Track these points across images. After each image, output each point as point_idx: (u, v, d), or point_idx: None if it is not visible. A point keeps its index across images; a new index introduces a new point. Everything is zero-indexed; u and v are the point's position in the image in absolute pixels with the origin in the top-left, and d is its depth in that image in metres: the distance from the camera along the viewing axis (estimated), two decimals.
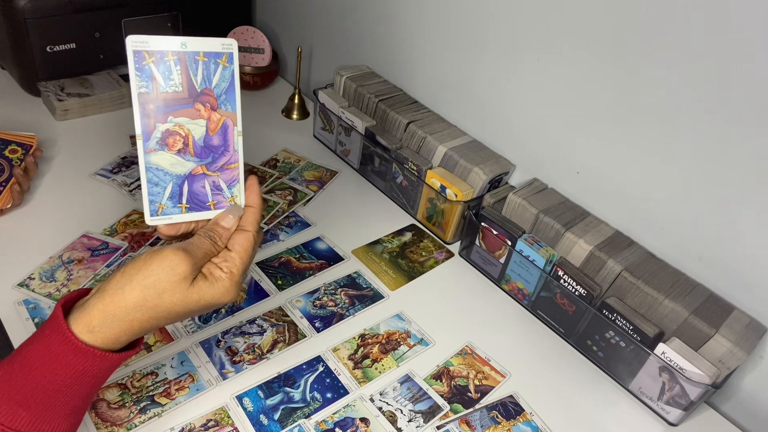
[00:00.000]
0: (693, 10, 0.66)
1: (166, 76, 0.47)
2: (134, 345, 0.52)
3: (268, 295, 0.78)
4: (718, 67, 0.66)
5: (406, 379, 0.71)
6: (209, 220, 0.53)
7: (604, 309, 0.73)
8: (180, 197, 0.50)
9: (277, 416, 0.64)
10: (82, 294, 0.51)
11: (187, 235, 0.54)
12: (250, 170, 0.99)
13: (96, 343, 0.48)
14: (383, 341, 0.75)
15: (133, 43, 0.46)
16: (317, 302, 0.78)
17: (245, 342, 0.71)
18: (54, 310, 0.48)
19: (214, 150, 0.49)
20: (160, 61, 0.46)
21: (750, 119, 0.65)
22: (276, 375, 0.68)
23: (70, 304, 0.50)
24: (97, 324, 0.47)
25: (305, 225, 0.91)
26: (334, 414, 0.65)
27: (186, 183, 0.50)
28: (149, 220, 0.50)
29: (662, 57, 0.70)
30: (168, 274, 0.48)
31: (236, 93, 0.49)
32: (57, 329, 0.47)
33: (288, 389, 0.67)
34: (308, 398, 0.66)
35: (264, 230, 0.87)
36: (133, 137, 1.02)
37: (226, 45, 0.48)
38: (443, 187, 0.88)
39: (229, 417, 0.63)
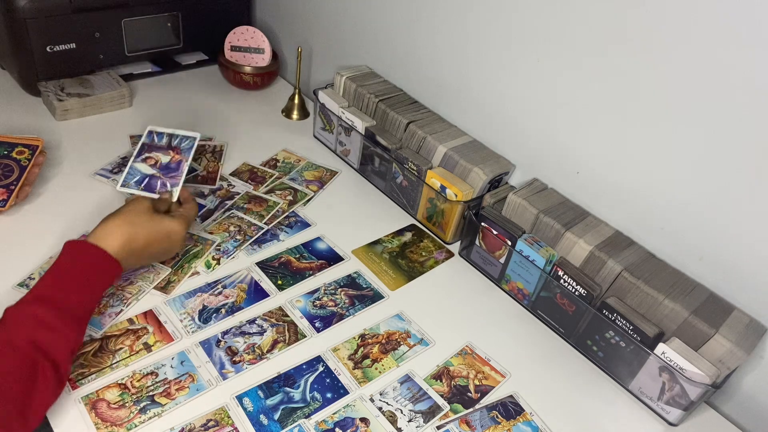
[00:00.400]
0: (693, 11, 0.66)
1: (160, 138, 0.88)
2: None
3: (268, 295, 0.78)
4: (719, 68, 0.66)
5: (406, 379, 0.71)
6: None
7: (604, 309, 0.73)
8: (141, 183, 0.82)
9: (277, 416, 0.64)
10: None
11: None
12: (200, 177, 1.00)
13: (101, 246, 0.68)
14: (383, 341, 0.75)
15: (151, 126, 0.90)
16: (317, 302, 0.78)
17: (245, 342, 0.71)
18: (67, 243, 0.68)
19: (170, 169, 0.84)
20: (159, 134, 0.89)
21: (750, 119, 0.65)
22: (276, 375, 0.68)
23: None
24: (100, 235, 0.69)
25: (305, 225, 0.91)
26: (334, 414, 0.65)
27: (147, 178, 0.83)
28: (118, 188, 0.82)
29: (662, 57, 0.70)
30: (140, 205, 0.74)
31: (191, 153, 0.86)
32: (75, 244, 0.68)
33: (288, 389, 0.67)
34: (308, 398, 0.66)
35: (264, 230, 0.88)
36: (133, 137, 1.02)
37: (193, 135, 0.88)
38: (443, 187, 0.88)
39: (229, 417, 0.63)
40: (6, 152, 0.84)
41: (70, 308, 0.63)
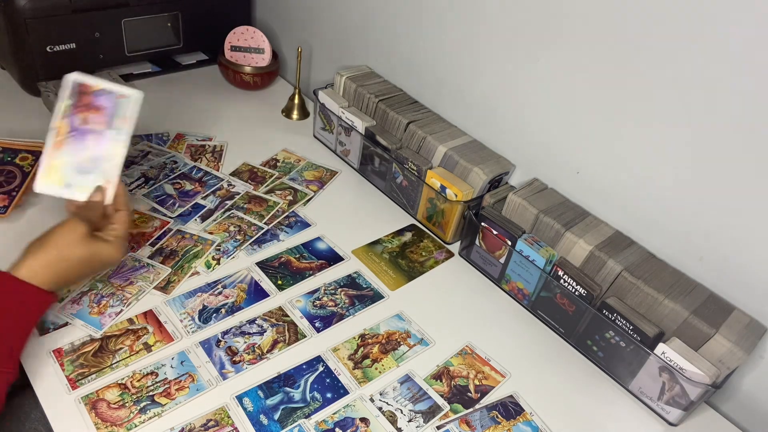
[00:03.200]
0: (693, 11, 0.66)
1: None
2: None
3: (268, 295, 0.78)
4: (719, 67, 0.66)
5: (406, 379, 0.71)
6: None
7: (604, 309, 0.73)
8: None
9: (277, 416, 0.64)
10: None
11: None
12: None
13: (31, 282, 0.63)
14: (383, 341, 0.75)
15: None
16: (317, 302, 0.78)
17: (245, 342, 0.71)
18: None
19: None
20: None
21: (750, 119, 0.65)
22: (276, 375, 0.68)
23: None
24: (26, 275, 0.63)
25: (305, 225, 0.91)
26: (334, 414, 0.65)
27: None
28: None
29: (662, 57, 0.70)
30: (72, 234, 0.67)
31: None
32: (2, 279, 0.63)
33: (288, 389, 0.67)
34: (308, 398, 0.66)
35: (264, 230, 0.88)
36: (132, 137, 1.02)
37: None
38: (443, 187, 0.88)
39: (229, 417, 0.63)
40: (10, 158, 0.84)
41: (2, 347, 0.60)
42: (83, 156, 0.68)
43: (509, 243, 0.81)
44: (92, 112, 0.68)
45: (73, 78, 0.68)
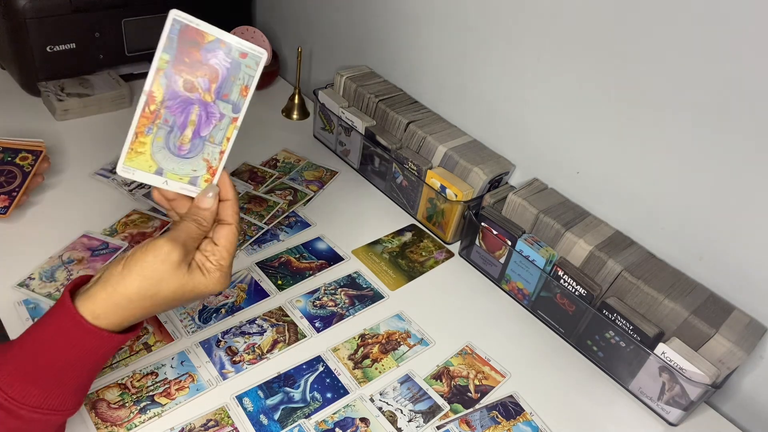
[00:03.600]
0: (693, 10, 0.66)
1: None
2: (135, 327, 0.56)
3: (268, 295, 0.78)
4: (719, 67, 0.66)
5: (406, 379, 0.71)
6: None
7: (604, 309, 0.73)
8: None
9: (277, 416, 0.64)
10: (85, 280, 0.55)
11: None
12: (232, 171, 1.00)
13: (101, 326, 0.51)
14: (383, 341, 0.75)
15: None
16: (317, 302, 0.78)
17: (245, 342, 0.71)
18: (62, 296, 0.52)
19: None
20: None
21: (750, 119, 0.65)
22: (276, 375, 0.68)
23: (74, 289, 0.54)
24: (101, 312, 0.51)
25: (305, 225, 0.91)
26: (334, 414, 0.65)
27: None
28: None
29: (662, 57, 0.70)
30: (163, 263, 0.52)
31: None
32: (66, 313, 0.50)
33: (288, 389, 0.67)
34: (308, 398, 0.66)
35: (264, 230, 0.88)
36: None
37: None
38: (443, 187, 0.88)
39: (229, 417, 0.63)
40: (10, 158, 0.84)
41: (67, 396, 0.52)
42: (183, 134, 0.53)
43: (509, 243, 0.81)
44: (200, 71, 0.51)
45: (176, 16, 0.52)
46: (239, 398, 0.65)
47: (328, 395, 0.67)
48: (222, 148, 0.54)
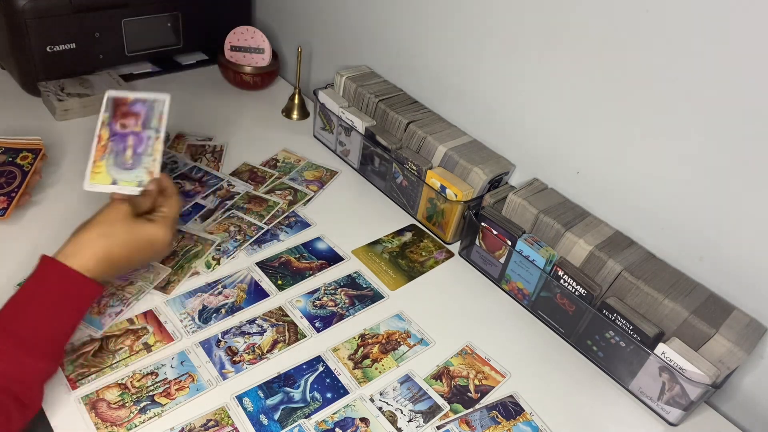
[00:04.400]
0: (693, 10, 0.66)
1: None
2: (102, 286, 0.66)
3: (268, 295, 0.78)
4: (719, 67, 0.66)
5: (406, 379, 0.71)
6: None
7: (604, 309, 0.73)
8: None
9: (277, 416, 0.64)
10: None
11: None
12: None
13: (73, 266, 0.62)
14: (383, 341, 0.75)
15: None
16: (317, 302, 0.78)
17: (245, 342, 0.71)
18: (40, 257, 0.63)
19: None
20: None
21: (751, 119, 0.65)
22: (276, 375, 0.68)
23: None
24: (70, 253, 0.63)
25: (305, 225, 0.91)
26: (334, 414, 0.65)
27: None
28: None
29: (663, 57, 0.70)
30: (116, 212, 0.68)
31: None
32: (41, 261, 0.62)
33: (288, 389, 0.67)
34: (308, 398, 0.66)
35: (264, 230, 0.88)
36: None
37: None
38: (443, 187, 0.88)
39: (229, 417, 0.63)
40: (11, 159, 0.84)
41: (38, 339, 0.59)
42: (125, 155, 0.74)
43: (509, 243, 0.81)
44: (129, 117, 0.76)
45: (109, 95, 0.77)
46: (239, 398, 0.65)
47: (328, 395, 0.67)
48: (155, 157, 0.74)
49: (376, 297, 0.81)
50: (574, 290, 0.76)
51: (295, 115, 1.17)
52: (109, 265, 0.65)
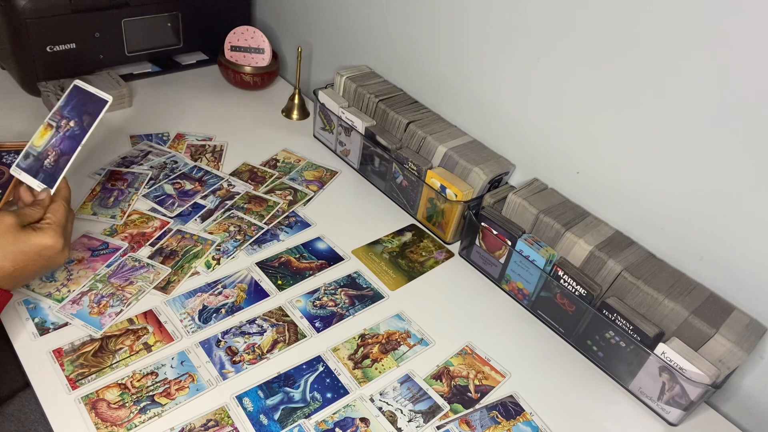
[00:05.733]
0: (693, 10, 0.66)
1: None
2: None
3: (268, 295, 0.78)
4: (719, 67, 0.66)
5: (406, 379, 0.71)
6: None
7: (604, 309, 0.73)
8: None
9: (277, 416, 0.64)
10: None
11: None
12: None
13: None
14: (383, 341, 0.75)
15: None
16: (317, 302, 0.78)
17: (245, 342, 0.71)
18: None
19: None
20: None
21: (750, 119, 0.65)
22: (276, 375, 0.68)
23: None
24: None
25: (305, 225, 0.91)
26: (334, 414, 0.65)
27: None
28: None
29: (662, 56, 0.70)
30: (1, 225, 0.64)
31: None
32: None
33: (288, 389, 0.67)
34: (308, 398, 0.66)
35: (264, 230, 0.88)
36: (133, 137, 1.02)
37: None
38: (443, 187, 0.88)
39: (229, 417, 0.63)
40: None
41: None
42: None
43: (509, 243, 0.81)
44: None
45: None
46: (239, 398, 0.65)
47: (328, 395, 0.67)
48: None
49: (376, 297, 0.81)
50: (574, 290, 0.76)
51: (295, 115, 1.17)
52: (1, 278, 0.64)
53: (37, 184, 0.73)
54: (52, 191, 0.71)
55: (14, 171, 0.74)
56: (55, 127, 0.74)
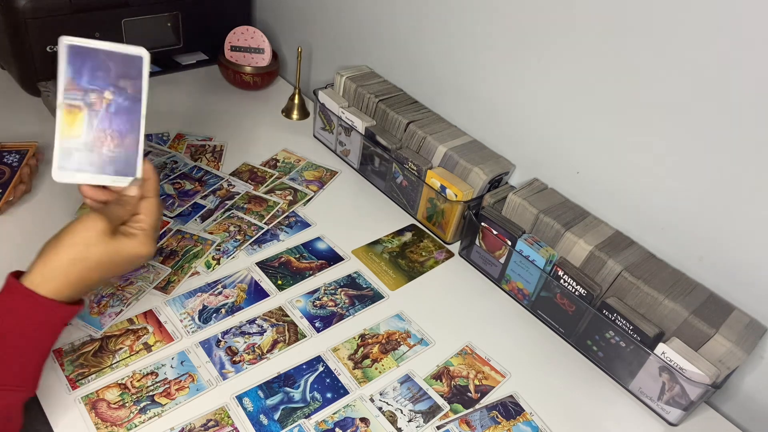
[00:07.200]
0: (693, 9, 0.66)
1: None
2: (79, 303, 0.60)
3: (268, 295, 0.78)
4: (719, 67, 0.66)
5: (406, 379, 0.71)
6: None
7: (604, 309, 0.73)
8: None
9: (277, 416, 0.64)
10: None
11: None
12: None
13: (45, 294, 0.55)
14: (383, 341, 0.75)
15: None
16: (317, 302, 0.78)
17: (245, 342, 0.71)
18: (6, 278, 0.57)
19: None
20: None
21: (751, 119, 0.65)
22: (276, 375, 0.68)
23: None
24: (39, 281, 0.56)
25: (305, 225, 0.91)
26: (334, 414, 0.65)
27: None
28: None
29: (663, 56, 0.70)
30: (90, 230, 0.58)
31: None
32: (7, 285, 0.56)
33: (288, 389, 0.67)
34: (308, 398, 0.66)
35: (264, 230, 0.88)
36: None
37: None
38: (443, 187, 0.88)
39: (229, 417, 0.63)
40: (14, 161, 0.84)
41: (10, 373, 0.54)
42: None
43: (509, 243, 0.81)
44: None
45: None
46: (239, 398, 0.65)
47: (328, 395, 0.67)
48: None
49: (376, 297, 0.81)
50: (574, 290, 0.76)
51: (295, 115, 1.17)
52: (85, 287, 0.59)
53: (111, 180, 0.61)
54: (138, 176, 0.59)
55: (60, 176, 0.59)
56: (85, 106, 0.59)
